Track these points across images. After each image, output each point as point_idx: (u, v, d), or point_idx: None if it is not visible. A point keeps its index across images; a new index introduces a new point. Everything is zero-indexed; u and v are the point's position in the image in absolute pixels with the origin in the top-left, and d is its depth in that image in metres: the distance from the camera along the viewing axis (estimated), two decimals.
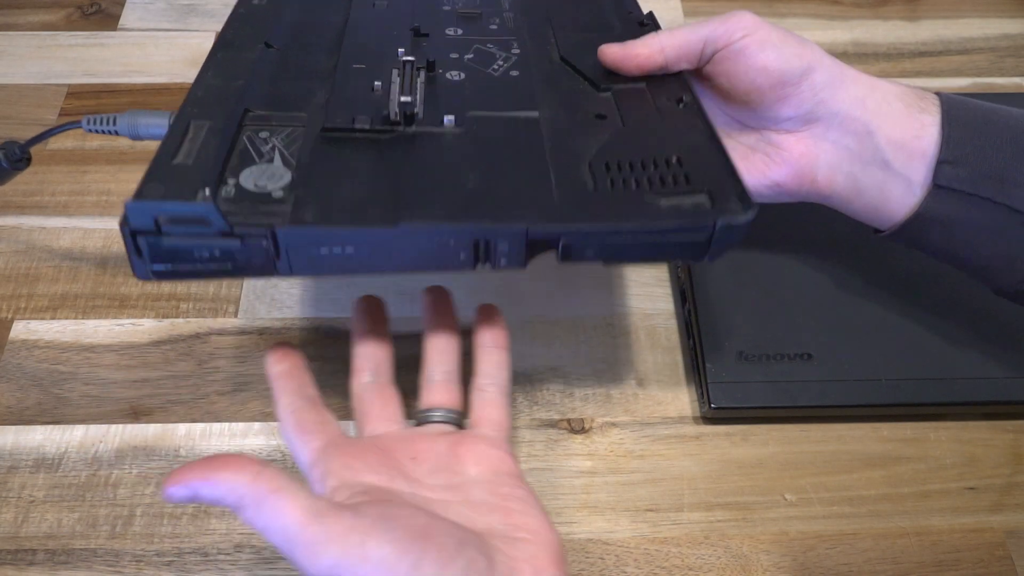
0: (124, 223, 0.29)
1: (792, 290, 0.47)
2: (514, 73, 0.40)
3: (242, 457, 0.28)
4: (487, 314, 0.38)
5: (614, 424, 0.45)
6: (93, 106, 0.57)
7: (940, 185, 0.36)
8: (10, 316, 0.48)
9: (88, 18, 0.63)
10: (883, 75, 0.60)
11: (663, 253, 0.33)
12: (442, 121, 0.36)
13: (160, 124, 0.39)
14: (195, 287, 0.49)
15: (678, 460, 0.44)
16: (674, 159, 0.34)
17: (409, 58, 0.39)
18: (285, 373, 0.35)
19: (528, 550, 0.30)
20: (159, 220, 0.29)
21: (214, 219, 0.29)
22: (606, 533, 0.41)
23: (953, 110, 0.37)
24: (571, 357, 0.47)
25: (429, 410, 0.37)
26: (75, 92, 0.58)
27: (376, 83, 0.38)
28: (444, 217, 0.31)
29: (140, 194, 0.30)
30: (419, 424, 0.37)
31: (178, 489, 0.27)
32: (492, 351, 0.38)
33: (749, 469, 0.43)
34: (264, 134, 0.35)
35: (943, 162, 0.36)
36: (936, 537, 0.41)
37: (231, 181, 0.32)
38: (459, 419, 0.37)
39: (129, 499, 0.41)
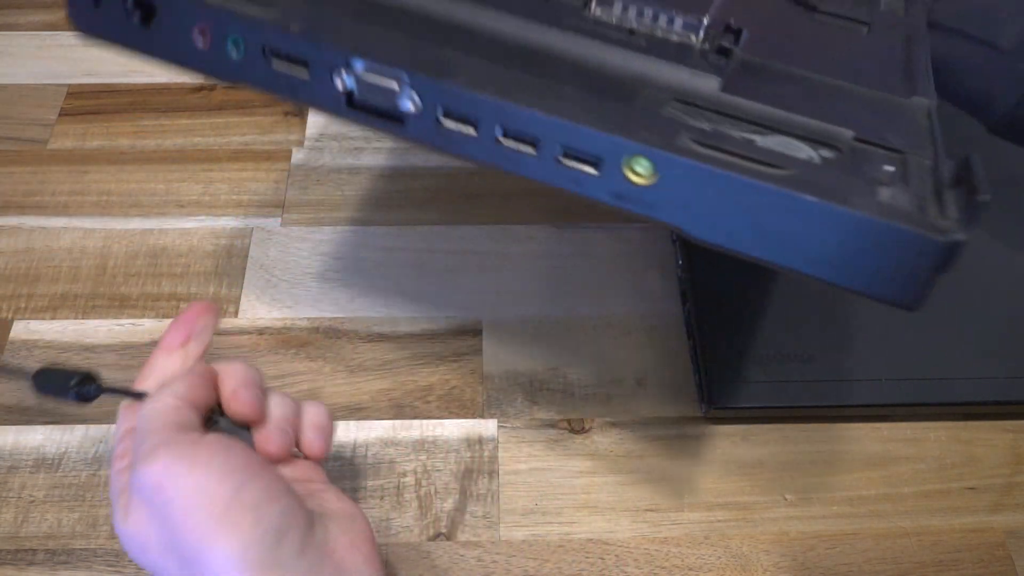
0: None
1: (792, 290, 0.47)
2: None
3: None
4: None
5: (614, 424, 0.45)
6: (93, 106, 0.57)
7: (930, 22, 0.37)
8: (10, 316, 0.48)
9: None
10: None
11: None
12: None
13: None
14: (194, 287, 0.49)
15: (678, 460, 0.44)
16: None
17: None
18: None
19: (343, 524, 0.31)
20: None
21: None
22: (606, 533, 0.41)
23: None
24: (571, 357, 0.47)
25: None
26: (75, 92, 0.58)
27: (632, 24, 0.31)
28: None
29: None
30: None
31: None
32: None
33: (749, 469, 0.43)
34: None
35: None
36: (936, 537, 0.41)
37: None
38: None
39: None
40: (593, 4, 0.32)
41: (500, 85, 0.26)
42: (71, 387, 0.34)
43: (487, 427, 0.44)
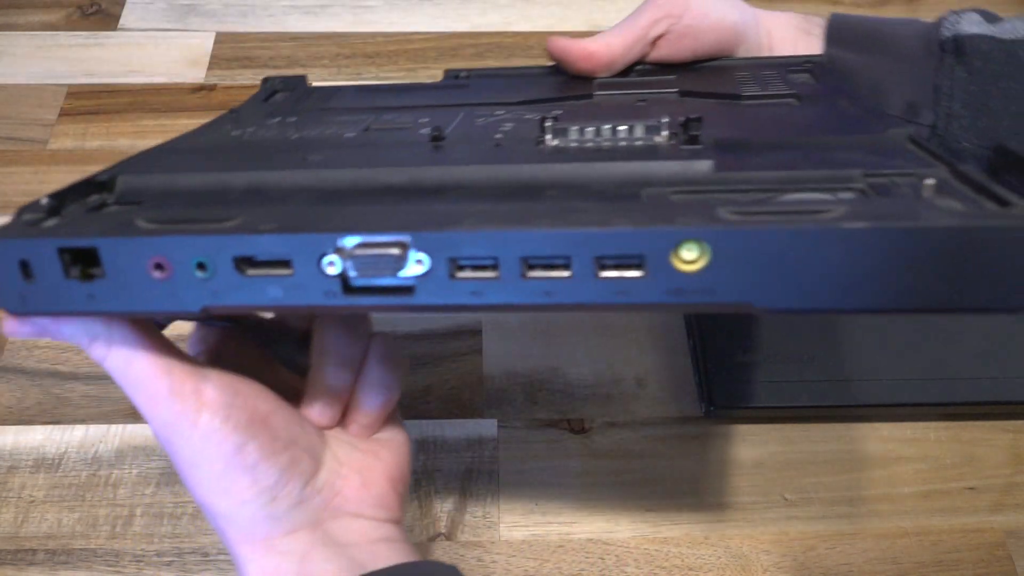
0: None
1: None
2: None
3: None
4: None
5: (614, 424, 0.45)
6: (93, 106, 0.57)
7: None
8: None
9: (88, 18, 0.63)
10: None
11: None
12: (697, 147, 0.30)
13: None
14: None
15: (678, 460, 0.44)
16: None
17: (546, 118, 0.31)
18: None
19: (363, 462, 0.30)
20: None
21: None
22: (606, 533, 0.41)
23: (835, 29, 0.40)
24: (571, 357, 0.47)
25: None
26: (75, 92, 0.58)
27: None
28: None
29: None
30: None
31: (23, 327, 0.26)
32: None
33: (749, 469, 0.43)
34: None
35: None
36: (936, 537, 0.41)
37: None
38: None
39: (129, 499, 0.41)
40: (548, 137, 0.31)
41: (509, 218, 0.24)
42: None
43: (487, 427, 0.44)
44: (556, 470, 0.43)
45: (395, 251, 0.23)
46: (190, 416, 0.26)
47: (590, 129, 0.30)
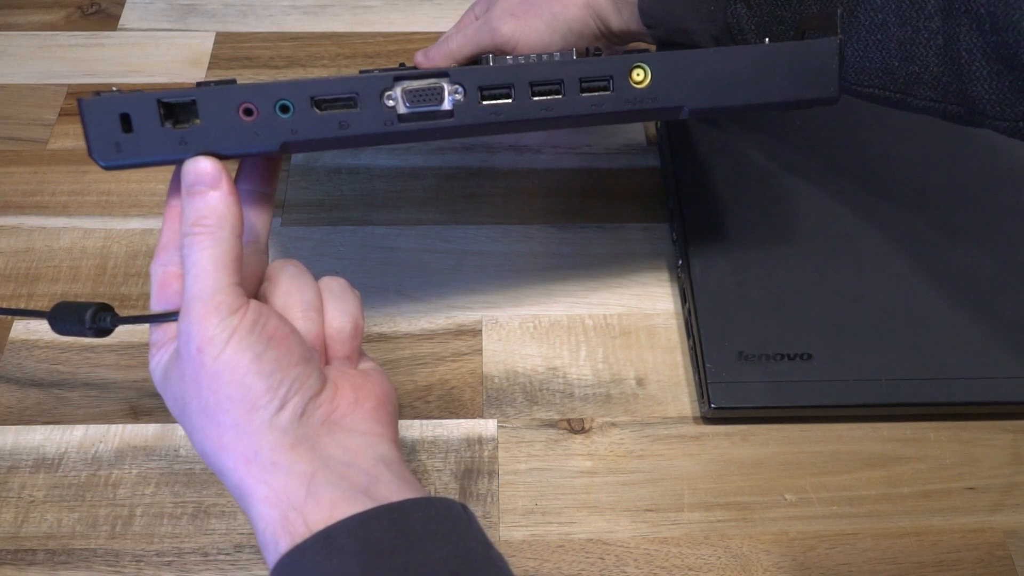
0: None
1: (792, 290, 0.47)
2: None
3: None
4: None
5: (614, 424, 0.45)
6: None
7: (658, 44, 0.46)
8: (10, 316, 0.47)
9: (88, 18, 0.63)
10: None
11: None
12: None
13: None
14: None
15: (678, 460, 0.44)
16: None
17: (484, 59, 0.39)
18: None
19: (355, 382, 0.33)
20: None
21: None
22: (606, 533, 0.41)
23: None
24: (571, 357, 0.47)
25: None
26: (75, 92, 0.58)
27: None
28: None
29: None
30: None
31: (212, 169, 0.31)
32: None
33: (749, 469, 0.43)
34: None
35: (648, 26, 0.44)
36: (936, 537, 0.41)
37: None
38: None
39: (129, 499, 0.41)
40: (496, 58, 0.39)
41: (516, 62, 0.34)
42: (87, 322, 0.34)
43: (487, 427, 0.44)
44: (556, 470, 0.43)
45: (439, 84, 0.32)
46: (232, 322, 0.30)
47: (524, 58, 0.40)
